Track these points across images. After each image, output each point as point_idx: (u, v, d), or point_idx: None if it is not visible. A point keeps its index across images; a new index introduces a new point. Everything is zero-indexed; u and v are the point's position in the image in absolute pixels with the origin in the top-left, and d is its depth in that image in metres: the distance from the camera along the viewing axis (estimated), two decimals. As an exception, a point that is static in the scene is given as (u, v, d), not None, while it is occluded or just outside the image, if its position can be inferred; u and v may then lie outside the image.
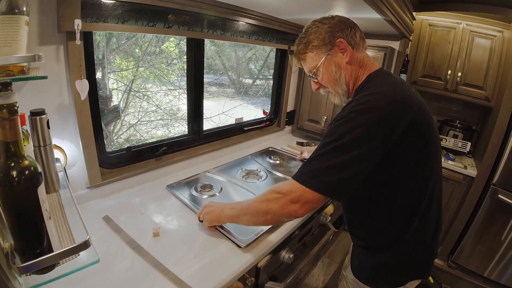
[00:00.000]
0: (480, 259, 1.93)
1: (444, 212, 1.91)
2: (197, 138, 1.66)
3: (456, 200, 2.06)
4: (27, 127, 0.76)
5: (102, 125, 1.23)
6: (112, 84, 2.19)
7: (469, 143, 2.15)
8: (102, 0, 0.99)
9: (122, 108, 2.24)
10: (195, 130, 1.65)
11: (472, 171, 1.96)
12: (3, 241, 0.52)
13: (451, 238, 2.07)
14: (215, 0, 1.31)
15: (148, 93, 2.46)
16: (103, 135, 1.22)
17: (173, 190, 1.30)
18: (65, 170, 0.96)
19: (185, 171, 1.50)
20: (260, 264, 1.01)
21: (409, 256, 0.85)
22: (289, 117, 2.35)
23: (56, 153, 0.92)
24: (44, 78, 0.68)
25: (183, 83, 2.22)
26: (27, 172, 0.49)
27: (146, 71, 2.41)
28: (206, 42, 1.60)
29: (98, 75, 1.96)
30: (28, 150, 0.68)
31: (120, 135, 2.34)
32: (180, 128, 2.58)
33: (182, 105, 2.48)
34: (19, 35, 0.65)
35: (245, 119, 2.04)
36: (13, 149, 0.49)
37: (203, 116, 1.68)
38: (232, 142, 1.86)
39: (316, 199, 0.73)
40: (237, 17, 1.50)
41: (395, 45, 2.06)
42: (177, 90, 2.52)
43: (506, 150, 1.73)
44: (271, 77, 2.33)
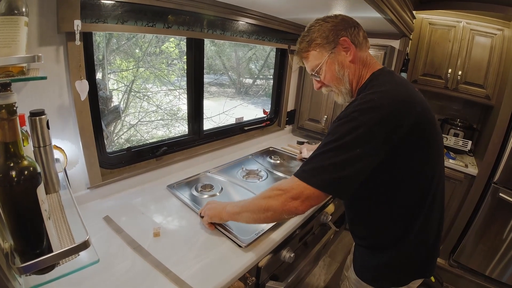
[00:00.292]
0: (481, 257, 1.93)
1: (445, 211, 1.90)
2: (198, 138, 1.66)
3: (457, 199, 2.06)
4: (27, 127, 0.76)
5: (103, 125, 1.24)
6: (112, 85, 2.19)
7: (469, 142, 2.15)
8: (102, 1, 0.99)
9: (122, 109, 2.24)
10: (195, 130, 1.65)
11: (473, 170, 1.95)
12: (3, 242, 0.52)
13: (452, 236, 2.06)
14: (215, 0, 1.31)
15: (148, 93, 2.46)
16: (104, 135, 1.22)
17: (173, 190, 1.31)
18: (65, 170, 0.96)
19: (185, 171, 1.50)
20: (261, 263, 1.01)
21: (412, 256, 0.84)
22: (289, 117, 2.35)
23: (56, 153, 0.92)
24: (44, 78, 0.68)
25: (183, 83, 2.22)
26: (26, 172, 0.49)
27: (147, 72, 2.41)
28: (206, 42, 1.60)
29: (98, 75, 1.96)
30: (27, 150, 0.68)
31: (121, 135, 2.34)
32: (180, 128, 2.58)
33: (183, 105, 2.48)
34: (18, 36, 0.64)
35: (245, 118, 2.04)
36: (13, 150, 0.49)
37: (204, 116, 1.68)
38: (232, 142, 1.86)
39: (317, 196, 0.74)
40: (236, 17, 1.50)
41: (395, 44, 2.05)
42: (177, 90, 2.52)
43: (507, 148, 1.72)
44: (271, 77, 2.33)
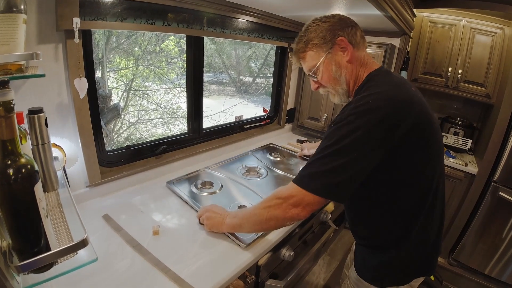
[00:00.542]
0: (481, 256, 1.93)
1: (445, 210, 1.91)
2: (197, 136, 1.66)
3: (457, 198, 2.06)
4: (25, 125, 0.76)
5: (102, 123, 1.23)
6: (112, 83, 2.19)
7: (470, 141, 2.14)
8: (100, -2, 0.98)
9: (122, 107, 2.24)
10: (195, 128, 1.64)
11: (473, 169, 1.95)
12: (1, 240, 0.52)
13: (452, 235, 2.06)
14: (214, -2, 1.30)
15: (148, 91, 2.45)
16: (103, 133, 1.22)
17: (172, 186, 1.30)
18: (64, 168, 0.95)
19: (185, 169, 1.50)
20: (260, 262, 1.01)
21: (413, 255, 0.84)
22: (289, 115, 2.34)
23: (55, 151, 0.91)
24: (42, 76, 0.67)
25: (183, 82, 2.21)
26: (23, 170, 0.49)
27: (146, 70, 2.40)
28: (206, 40, 1.59)
29: (98, 73, 1.95)
30: (26, 148, 0.67)
31: (120, 133, 2.34)
32: (180, 127, 2.58)
33: (182, 103, 2.47)
34: (17, 34, 0.64)
35: (245, 117, 2.03)
36: (10, 147, 0.48)
37: (203, 115, 1.67)
38: (232, 140, 1.86)
39: (317, 202, 0.74)
40: (236, 15, 1.49)
41: (396, 42, 2.05)
42: (177, 89, 2.52)
43: (507, 147, 1.72)
44: (271, 75, 2.33)
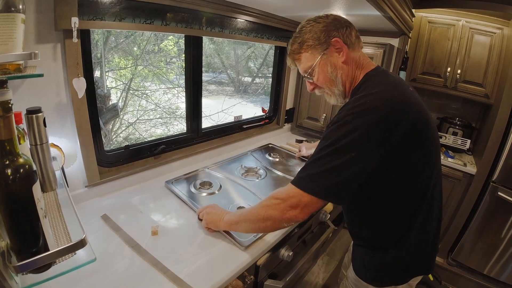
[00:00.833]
0: (480, 256, 1.93)
1: (443, 210, 1.90)
2: (196, 136, 1.66)
3: (455, 198, 2.06)
4: (23, 125, 0.75)
5: (101, 123, 1.23)
6: (111, 83, 2.18)
7: (468, 141, 2.15)
8: (99, -2, 0.98)
9: (120, 107, 2.23)
10: (194, 128, 1.64)
11: (471, 169, 1.96)
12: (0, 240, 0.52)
13: (451, 235, 2.07)
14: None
15: (147, 91, 2.45)
16: (102, 133, 1.22)
17: (171, 186, 1.30)
18: (62, 168, 0.95)
19: (183, 170, 1.50)
20: (259, 262, 1.01)
21: (413, 255, 0.85)
22: (288, 115, 2.34)
23: (53, 151, 0.91)
24: (40, 76, 0.67)
25: (182, 82, 2.21)
26: (22, 170, 0.48)
27: (145, 70, 2.40)
28: (205, 40, 1.59)
29: (96, 73, 1.95)
30: (24, 148, 0.67)
31: (119, 133, 2.34)
32: (179, 127, 2.57)
33: (181, 103, 2.47)
34: (15, 33, 0.64)
35: (244, 117, 2.03)
36: (8, 147, 0.48)
37: (202, 114, 1.67)
38: (231, 140, 1.86)
39: (315, 203, 0.74)
40: (235, 14, 1.49)
41: (395, 42, 2.05)
42: (176, 89, 2.51)
43: (505, 147, 1.72)
44: (270, 75, 2.33)
